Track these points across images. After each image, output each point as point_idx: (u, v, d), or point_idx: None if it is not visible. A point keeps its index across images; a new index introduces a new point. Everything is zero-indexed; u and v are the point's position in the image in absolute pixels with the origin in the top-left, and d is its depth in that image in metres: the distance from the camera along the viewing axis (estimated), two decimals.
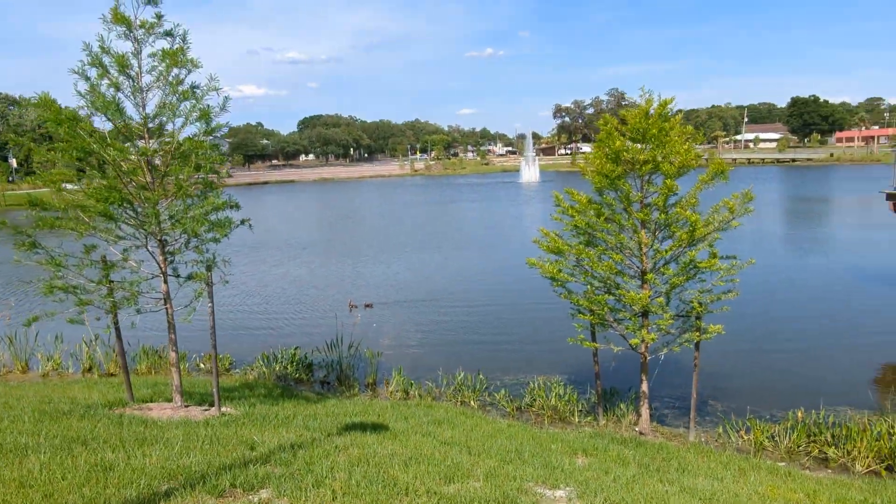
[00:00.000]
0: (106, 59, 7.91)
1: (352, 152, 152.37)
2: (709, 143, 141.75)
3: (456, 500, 5.16)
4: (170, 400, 9.28)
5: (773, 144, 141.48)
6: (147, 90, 8.14)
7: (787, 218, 40.48)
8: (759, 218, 35.48)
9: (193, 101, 8.06)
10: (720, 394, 11.51)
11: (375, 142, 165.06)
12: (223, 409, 8.81)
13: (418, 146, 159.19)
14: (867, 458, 8.49)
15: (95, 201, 7.42)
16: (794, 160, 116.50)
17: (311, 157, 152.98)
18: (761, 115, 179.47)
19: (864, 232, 33.26)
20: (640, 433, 9.51)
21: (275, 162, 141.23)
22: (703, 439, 9.48)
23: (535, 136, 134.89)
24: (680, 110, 9.49)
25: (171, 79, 8.09)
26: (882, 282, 20.48)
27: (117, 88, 7.80)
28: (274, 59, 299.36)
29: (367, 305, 19.00)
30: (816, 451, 8.90)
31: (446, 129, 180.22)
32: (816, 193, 55.32)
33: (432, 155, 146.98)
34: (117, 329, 8.89)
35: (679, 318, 9.15)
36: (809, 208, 44.37)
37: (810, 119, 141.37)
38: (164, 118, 8.13)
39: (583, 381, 11.73)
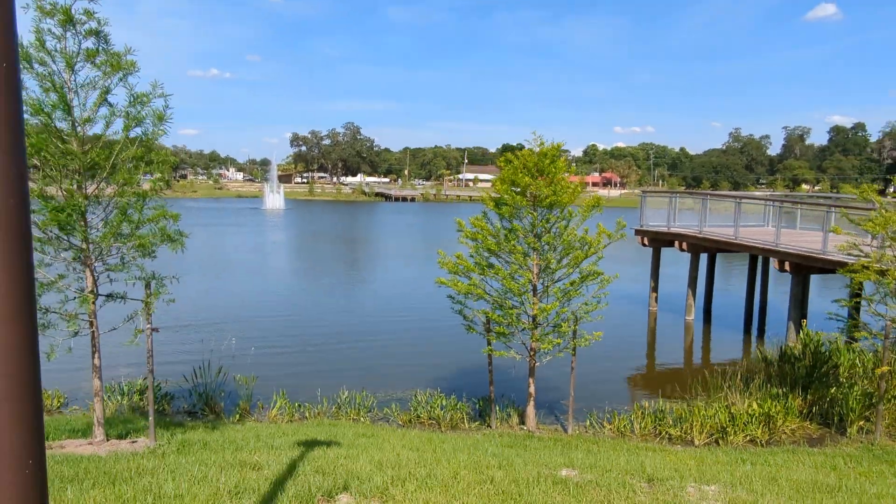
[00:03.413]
0: (38, 57, 7.09)
1: None
2: (437, 179, 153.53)
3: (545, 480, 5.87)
4: (74, 437, 8.20)
5: (489, 184, 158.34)
6: (78, 91, 7.42)
7: None
8: None
9: (140, 107, 7.54)
10: (562, 394, 13.42)
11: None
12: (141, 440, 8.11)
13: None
14: (702, 434, 10.86)
15: (51, 211, 6.57)
16: None
17: None
18: (477, 158, 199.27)
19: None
20: (529, 431, 10.86)
21: None
22: (578, 431, 11.15)
23: (268, 163, 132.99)
24: (407, 147, 11.06)
25: (113, 82, 7.49)
26: (634, 302, 24.95)
27: (57, 90, 7.01)
28: None
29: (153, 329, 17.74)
30: (664, 432, 11.08)
31: (171, 148, 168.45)
32: None
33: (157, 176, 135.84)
34: None
35: (562, 326, 10.73)
36: None
37: None
38: (105, 122, 7.47)
39: (454, 389, 12.71)
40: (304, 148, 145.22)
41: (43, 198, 7.01)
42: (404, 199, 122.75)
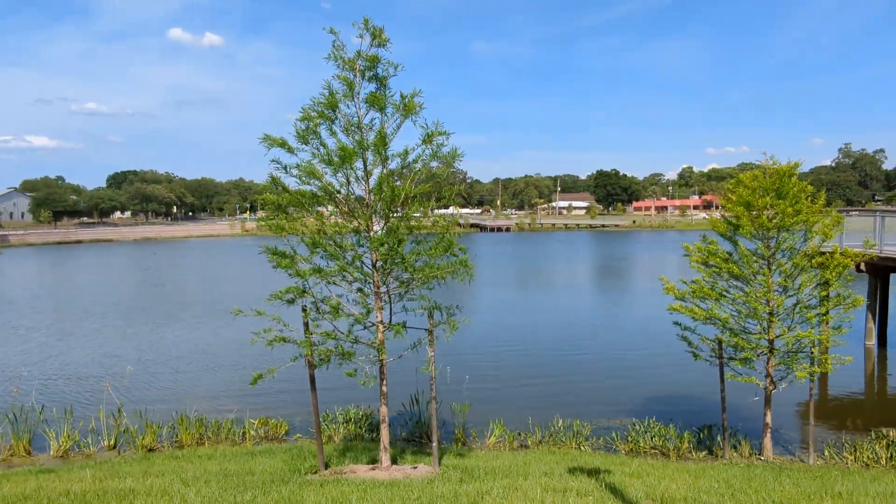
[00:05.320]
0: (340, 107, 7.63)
1: (174, 210, 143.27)
2: (530, 208, 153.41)
3: None
4: (354, 463, 8.54)
5: (583, 212, 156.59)
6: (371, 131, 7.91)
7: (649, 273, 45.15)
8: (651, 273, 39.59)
9: (430, 144, 7.93)
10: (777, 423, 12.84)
11: (199, 200, 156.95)
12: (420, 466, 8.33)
13: (248, 205, 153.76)
14: None
15: (374, 242, 7.00)
16: (603, 226, 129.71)
17: (126, 214, 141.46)
18: (568, 186, 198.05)
19: None
20: (767, 462, 10.43)
21: (85, 219, 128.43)
22: (819, 462, 10.61)
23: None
24: (498, 178, 10.82)
25: (397, 122, 7.94)
26: None
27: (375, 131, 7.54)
28: (69, 110, 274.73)
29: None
30: None
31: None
32: (657, 254, 62.12)
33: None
34: (312, 383, 8.12)
35: (800, 353, 10.32)
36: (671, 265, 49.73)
37: (612, 190, 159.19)
38: (398, 164, 7.93)
39: (662, 417, 12.38)
40: (398, 183, 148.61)
41: (356, 232, 7.46)
42: (499, 229, 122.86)
